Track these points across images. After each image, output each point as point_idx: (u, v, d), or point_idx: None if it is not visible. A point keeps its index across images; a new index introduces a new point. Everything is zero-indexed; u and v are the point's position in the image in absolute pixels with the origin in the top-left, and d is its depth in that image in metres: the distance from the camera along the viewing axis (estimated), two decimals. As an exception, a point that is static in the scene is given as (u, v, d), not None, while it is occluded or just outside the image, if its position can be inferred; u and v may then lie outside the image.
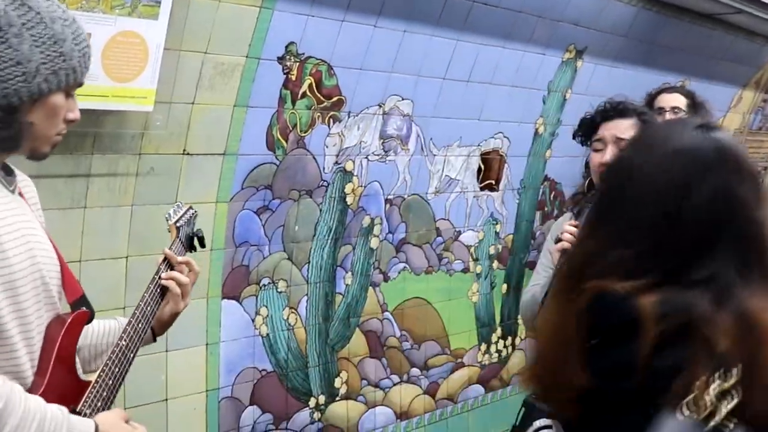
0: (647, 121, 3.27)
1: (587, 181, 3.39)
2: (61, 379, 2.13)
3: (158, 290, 2.51)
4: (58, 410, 2.00)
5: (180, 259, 2.60)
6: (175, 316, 2.61)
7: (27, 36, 2.00)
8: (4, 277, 2.01)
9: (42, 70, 2.02)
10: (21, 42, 1.99)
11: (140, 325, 2.39)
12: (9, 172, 2.21)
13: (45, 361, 2.14)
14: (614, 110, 3.30)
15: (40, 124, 2.09)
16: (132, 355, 2.35)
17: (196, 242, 2.80)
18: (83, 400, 2.17)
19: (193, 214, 2.83)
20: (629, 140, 2.28)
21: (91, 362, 2.48)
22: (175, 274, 2.56)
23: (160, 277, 2.53)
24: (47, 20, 2.03)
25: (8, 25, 1.98)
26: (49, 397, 2.05)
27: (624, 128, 3.23)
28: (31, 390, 2.06)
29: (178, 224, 2.70)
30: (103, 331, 2.51)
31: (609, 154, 3.20)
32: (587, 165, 3.42)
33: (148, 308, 2.45)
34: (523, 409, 3.31)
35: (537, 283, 3.41)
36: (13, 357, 2.05)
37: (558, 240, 3.17)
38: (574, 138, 3.50)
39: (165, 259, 2.58)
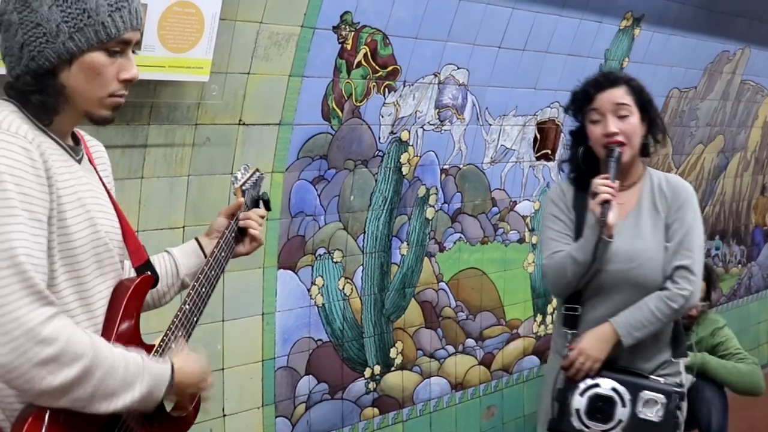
0: (635, 87, 3.46)
1: (582, 151, 3.52)
2: (125, 343, 2.15)
3: (223, 254, 2.54)
4: (138, 356, 2.08)
5: (242, 215, 2.65)
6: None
7: None
8: (63, 245, 2.03)
9: (63, 28, 2.01)
10: (42, 4, 2.01)
11: (204, 290, 2.43)
12: (77, 141, 2.23)
13: (110, 326, 2.17)
14: (606, 80, 3.48)
15: (81, 86, 2.08)
16: (195, 319, 2.40)
17: (261, 205, 2.81)
18: None
19: (259, 176, 2.84)
20: None
21: (159, 300, 2.60)
22: (250, 222, 2.65)
23: (227, 237, 2.57)
24: None
25: None
26: None
27: (620, 95, 3.42)
28: None
29: (243, 187, 2.71)
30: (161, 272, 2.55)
31: (611, 124, 3.39)
32: (574, 134, 3.60)
33: (212, 272, 2.47)
34: (564, 372, 3.47)
35: (559, 249, 3.49)
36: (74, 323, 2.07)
37: (594, 194, 3.31)
38: (566, 112, 3.68)
39: (229, 221, 2.63)
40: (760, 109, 7.55)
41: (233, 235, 2.61)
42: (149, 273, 2.34)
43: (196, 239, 2.68)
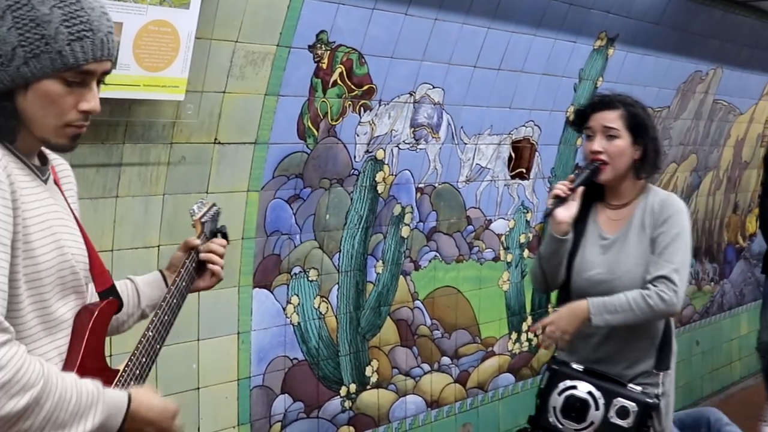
0: (630, 113, 3.67)
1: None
2: (90, 369, 2.11)
3: (184, 283, 2.52)
4: (93, 385, 2.01)
5: (203, 247, 2.63)
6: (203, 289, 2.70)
7: (9, 18, 1.93)
8: (28, 269, 1.97)
9: (20, 52, 1.93)
10: (2, 24, 1.93)
11: (166, 317, 2.39)
12: (44, 161, 2.17)
13: (74, 351, 2.12)
14: (602, 102, 3.72)
15: (36, 113, 2.00)
16: (159, 346, 2.35)
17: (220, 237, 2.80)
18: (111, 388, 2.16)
19: (216, 211, 2.80)
20: None
21: (118, 328, 2.54)
22: (212, 256, 2.63)
23: (188, 267, 2.55)
24: (36, 1, 1.94)
25: None
26: None
27: (610, 119, 3.65)
28: None
29: (203, 220, 2.69)
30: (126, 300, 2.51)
31: (597, 143, 3.64)
32: None
33: (174, 300, 2.45)
34: (548, 373, 3.66)
35: None
36: (36, 348, 2.03)
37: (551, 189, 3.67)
38: (570, 126, 3.97)
39: (190, 251, 2.60)
40: (732, 128, 7.61)
41: (194, 265, 2.58)
42: (114, 298, 2.28)
43: (160, 271, 2.64)
